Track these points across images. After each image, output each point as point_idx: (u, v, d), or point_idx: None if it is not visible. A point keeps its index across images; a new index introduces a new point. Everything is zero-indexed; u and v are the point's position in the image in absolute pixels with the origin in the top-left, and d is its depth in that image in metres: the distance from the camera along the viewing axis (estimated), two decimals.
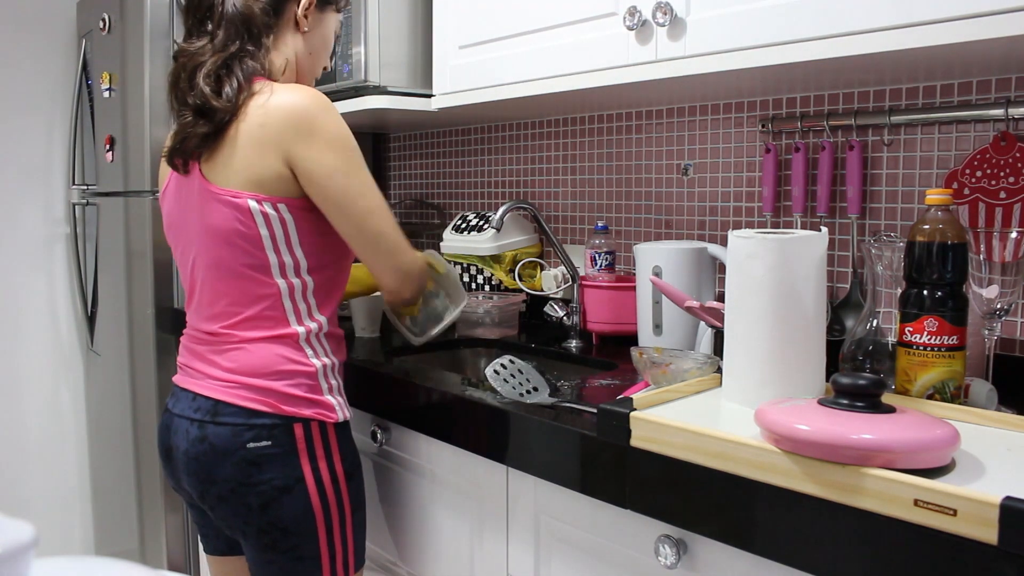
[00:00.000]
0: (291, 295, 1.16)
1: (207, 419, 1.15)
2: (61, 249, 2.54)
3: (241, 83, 1.13)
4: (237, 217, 1.12)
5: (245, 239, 1.13)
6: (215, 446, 1.14)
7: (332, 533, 1.19)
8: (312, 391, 1.17)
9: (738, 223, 1.58)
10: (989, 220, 1.23)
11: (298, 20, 1.22)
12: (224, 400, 1.15)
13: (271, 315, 1.16)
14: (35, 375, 2.52)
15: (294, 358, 1.16)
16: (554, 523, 1.11)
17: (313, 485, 1.16)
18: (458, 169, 2.21)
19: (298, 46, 1.23)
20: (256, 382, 1.15)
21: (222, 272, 1.16)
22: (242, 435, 1.14)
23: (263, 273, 1.15)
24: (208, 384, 1.17)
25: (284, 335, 1.17)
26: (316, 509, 1.16)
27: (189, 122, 1.14)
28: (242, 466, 1.13)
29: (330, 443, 1.19)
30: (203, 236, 1.16)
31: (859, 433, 0.76)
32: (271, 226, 1.13)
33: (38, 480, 2.53)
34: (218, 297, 1.18)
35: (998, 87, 1.24)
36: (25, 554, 0.63)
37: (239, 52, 1.14)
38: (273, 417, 1.14)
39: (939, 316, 0.98)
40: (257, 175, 1.11)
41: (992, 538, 0.66)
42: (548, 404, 1.12)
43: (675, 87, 1.42)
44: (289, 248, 1.15)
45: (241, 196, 1.11)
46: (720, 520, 0.85)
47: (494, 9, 1.56)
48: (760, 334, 0.98)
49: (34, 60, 2.44)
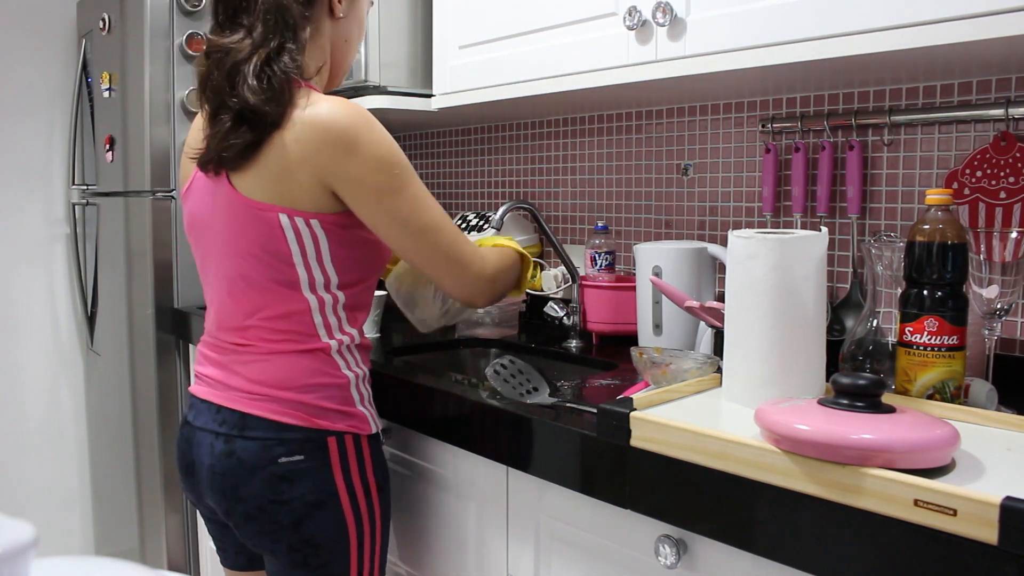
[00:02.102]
0: (321, 310, 1.11)
1: (234, 432, 1.09)
2: (61, 249, 2.54)
3: (285, 86, 1.04)
4: (266, 231, 1.06)
5: (273, 254, 1.07)
6: (243, 461, 1.08)
7: (363, 548, 1.15)
8: (345, 403, 1.13)
9: (738, 223, 1.58)
10: (989, 220, 1.23)
11: (333, 6, 1.13)
12: (252, 413, 1.09)
13: (301, 329, 1.11)
14: (35, 375, 2.52)
15: (326, 370, 1.12)
16: (554, 523, 1.11)
17: (347, 499, 1.12)
18: (458, 169, 2.21)
19: (334, 35, 1.15)
20: (286, 395, 1.09)
21: (248, 285, 1.10)
22: (272, 449, 1.08)
23: (292, 288, 1.09)
24: (233, 396, 1.11)
25: (315, 348, 1.11)
26: (350, 524, 1.12)
27: (229, 129, 1.04)
28: (272, 482, 1.08)
29: (363, 456, 1.14)
30: (229, 246, 1.10)
31: (859, 433, 0.76)
32: (302, 242, 1.07)
33: (38, 480, 2.53)
34: (245, 308, 1.12)
35: (998, 87, 1.24)
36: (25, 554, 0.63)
37: (280, 48, 1.05)
38: (306, 431, 1.09)
39: (939, 316, 0.98)
40: (289, 191, 1.05)
41: (992, 538, 0.66)
42: (548, 404, 1.12)
43: (675, 87, 1.42)
44: (320, 264, 1.09)
45: (272, 210, 1.05)
46: (720, 520, 0.85)
47: (494, 9, 1.56)
48: (760, 334, 0.98)
49: (34, 60, 2.44)
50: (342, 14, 1.14)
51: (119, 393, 2.22)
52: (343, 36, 1.17)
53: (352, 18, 1.17)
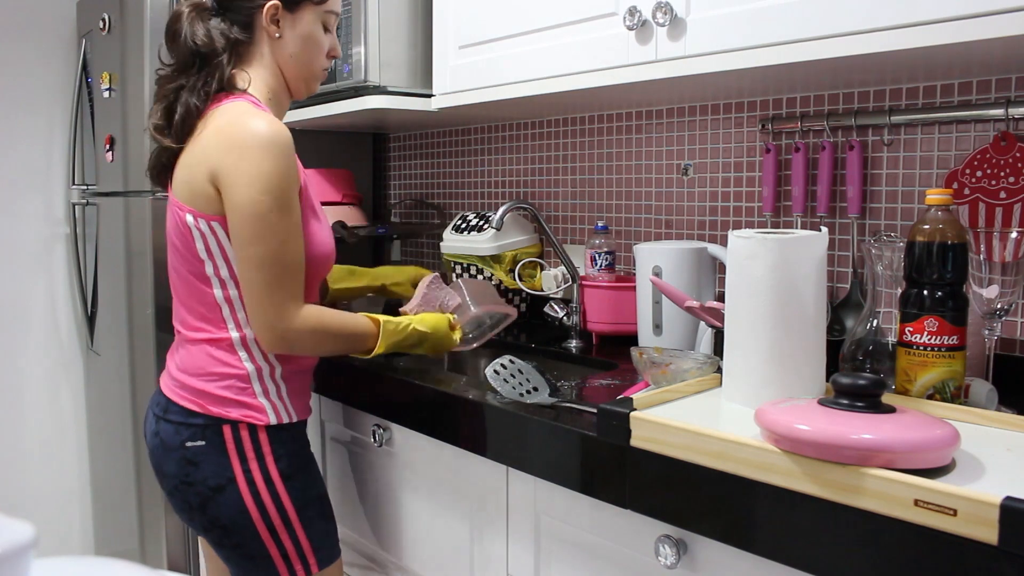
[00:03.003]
0: (228, 301, 1.20)
1: (160, 414, 1.24)
2: (61, 249, 2.54)
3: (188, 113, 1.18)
4: (181, 228, 1.19)
5: (186, 247, 1.19)
6: (164, 441, 1.22)
7: (276, 532, 1.21)
8: (242, 393, 1.21)
9: (738, 223, 1.58)
10: (989, 220, 1.23)
11: (269, 30, 1.24)
12: (171, 399, 1.23)
13: (210, 317, 1.21)
14: (35, 375, 2.52)
15: (226, 360, 1.21)
16: (554, 523, 1.11)
17: (245, 486, 1.19)
18: (458, 169, 2.21)
19: (277, 51, 1.25)
20: (193, 383, 1.21)
21: (176, 275, 1.24)
22: (182, 433, 1.20)
23: (201, 280, 1.20)
24: (165, 382, 1.26)
25: (220, 338, 1.21)
26: (251, 509, 1.19)
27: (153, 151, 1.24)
28: (182, 464, 1.20)
29: (260, 445, 1.21)
30: (169, 243, 1.24)
31: (859, 433, 0.76)
32: (206, 240, 1.17)
33: (38, 480, 2.53)
34: (175, 299, 1.27)
35: (998, 87, 1.24)
36: (25, 554, 0.63)
37: (191, 84, 1.19)
38: (205, 418, 1.20)
39: (939, 316, 0.98)
40: (193, 191, 1.16)
41: (992, 538, 0.66)
42: (548, 404, 1.12)
43: (675, 87, 1.42)
44: (225, 259, 1.18)
45: (184, 209, 1.18)
46: (720, 520, 0.85)
47: (494, 9, 1.56)
48: (760, 334, 0.98)
49: (34, 60, 2.44)
50: (279, 34, 1.25)
51: (119, 393, 2.22)
52: (287, 52, 1.26)
53: (293, 35, 1.26)
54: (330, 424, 1.57)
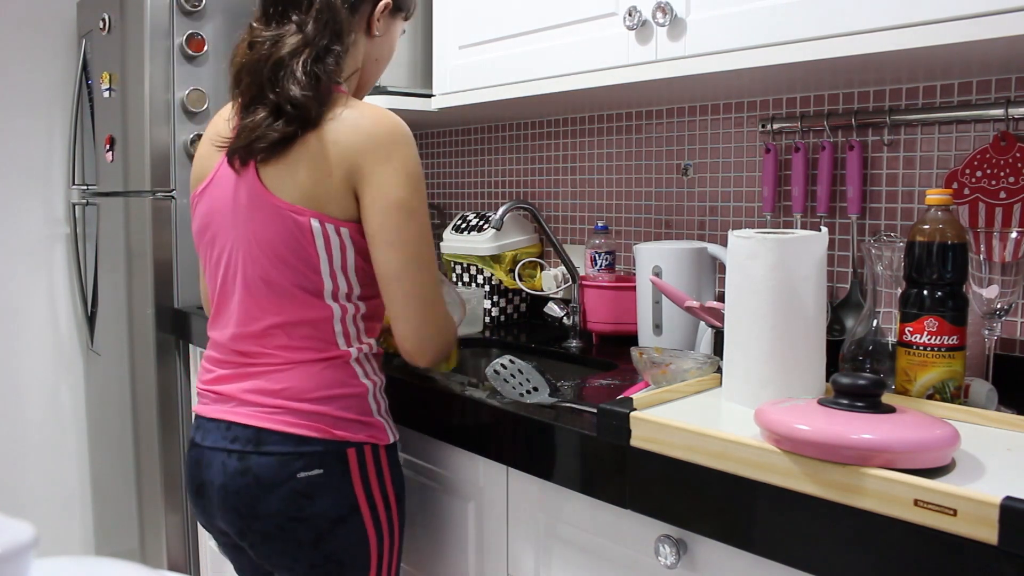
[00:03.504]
0: (343, 319, 1.09)
1: (249, 449, 1.06)
2: (61, 249, 2.54)
3: (329, 87, 1.05)
4: (295, 234, 1.04)
5: (302, 259, 1.05)
6: (260, 478, 1.05)
7: (382, 560, 1.13)
8: (363, 413, 1.11)
9: (738, 223, 1.58)
10: (989, 220, 1.23)
11: (371, 23, 1.14)
12: (268, 427, 1.06)
13: (320, 336, 1.08)
14: (35, 375, 2.52)
15: (345, 379, 1.09)
16: (554, 523, 1.11)
17: (368, 512, 1.10)
18: (458, 169, 2.21)
19: (368, 50, 1.16)
20: (303, 406, 1.06)
21: (270, 289, 1.07)
22: (291, 464, 1.05)
23: (315, 295, 1.07)
24: (246, 411, 1.08)
25: (334, 357, 1.09)
26: (371, 537, 1.11)
27: (262, 119, 1.03)
28: (292, 498, 1.05)
29: (382, 466, 1.12)
30: (251, 247, 1.07)
31: (859, 433, 0.76)
32: (330, 249, 1.05)
33: (38, 480, 2.53)
34: (260, 314, 1.09)
35: (998, 87, 1.24)
36: (25, 554, 0.63)
37: (327, 49, 1.05)
38: (325, 443, 1.06)
39: (939, 316, 0.98)
40: (322, 194, 1.03)
41: (992, 538, 0.66)
42: (548, 404, 1.12)
43: (675, 87, 1.42)
44: (344, 273, 1.08)
45: (304, 214, 1.04)
46: (720, 520, 0.85)
47: (494, 9, 1.56)
48: (760, 334, 0.98)
49: (34, 60, 2.44)
50: (378, 32, 1.16)
51: (119, 393, 2.22)
52: (375, 55, 1.18)
53: (386, 39, 1.19)
54: None
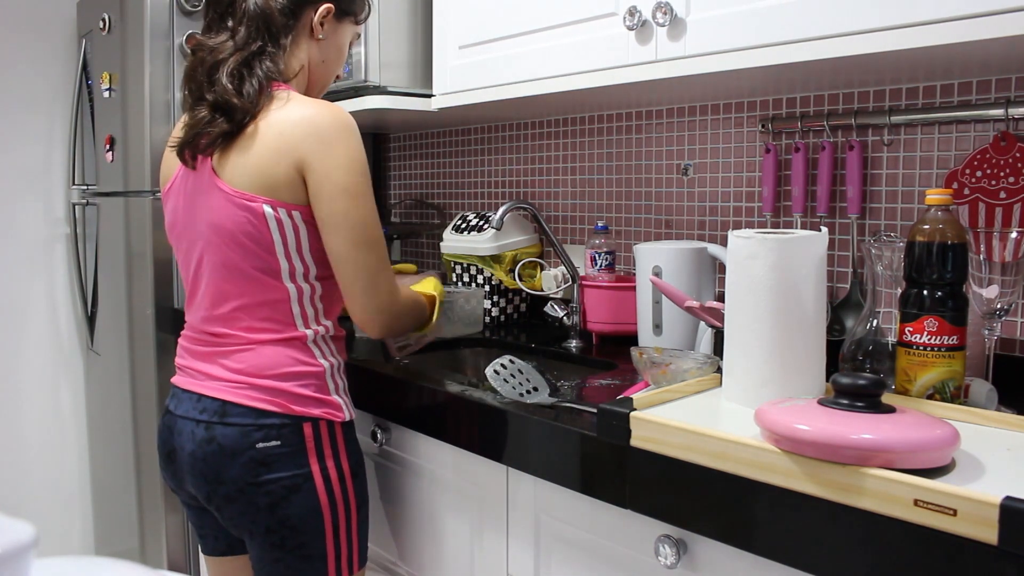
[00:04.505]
0: (300, 299, 1.17)
1: (215, 420, 1.15)
2: (61, 249, 2.54)
3: (262, 84, 1.13)
4: (250, 220, 1.12)
5: (257, 242, 1.13)
6: (224, 447, 1.15)
7: (338, 531, 1.20)
8: (320, 391, 1.19)
9: (738, 223, 1.58)
10: (989, 220, 1.23)
11: (314, 27, 1.21)
12: (232, 400, 1.15)
13: (279, 318, 1.17)
14: (35, 375, 2.52)
15: (303, 359, 1.17)
16: (554, 523, 1.11)
17: (321, 483, 1.17)
18: (458, 169, 2.21)
19: (312, 53, 1.23)
20: (265, 383, 1.15)
21: (231, 273, 1.16)
22: (251, 435, 1.14)
23: (273, 277, 1.15)
24: (214, 385, 1.17)
25: (292, 337, 1.17)
26: (324, 507, 1.18)
27: (204, 117, 1.13)
28: (251, 466, 1.14)
29: (337, 442, 1.20)
30: (212, 235, 1.16)
31: (859, 433, 0.76)
32: (284, 232, 1.13)
33: (38, 480, 2.53)
34: (225, 298, 1.17)
35: (998, 87, 1.24)
36: (25, 554, 0.63)
37: (260, 51, 1.15)
38: (283, 417, 1.15)
39: (939, 316, 0.98)
40: (272, 181, 1.11)
41: (992, 538, 0.66)
42: (548, 404, 1.12)
43: (675, 87, 1.42)
44: (300, 254, 1.15)
45: (256, 200, 1.11)
46: (720, 520, 0.85)
47: (494, 9, 1.56)
48: (760, 334, 0.98)
49: (34, 60, 2.44)
50: (321, 35, 1.23)
51: (119, 393, 2.22)
52: (320, 57, 1.25)
53: (331, 43, 1.26)
54: None
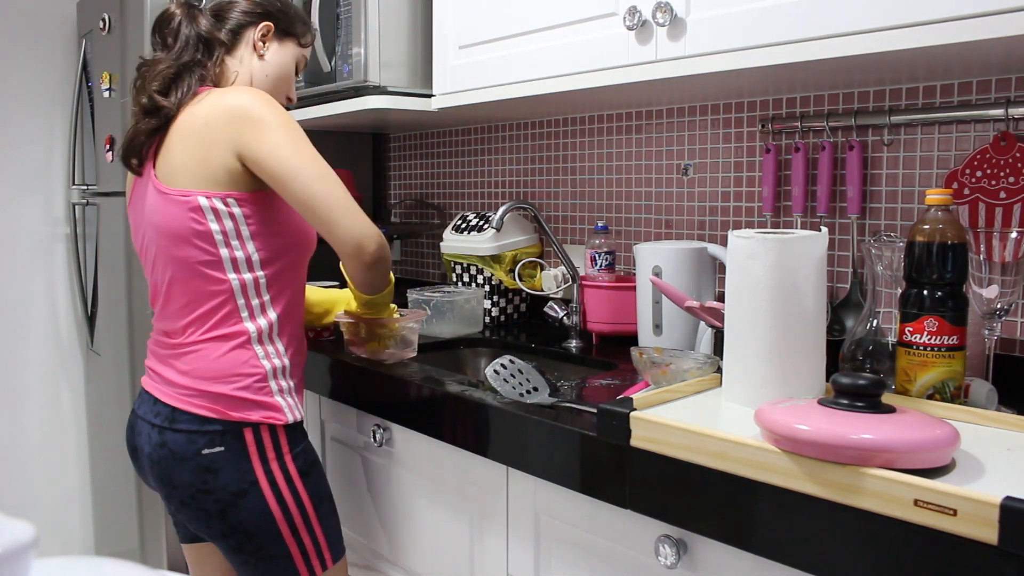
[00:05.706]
0: (244, 291, 1.19)
1: (166, 425, 1.19)
2: (61, 249, 2.54)
3: (189, 87, 1.20)
4: (189, 215, 1.15)
5: (198, 236, 1.16)
6: (174, 452, 1.18)
7: (297, 531, 1.21)
8: (260, 393, 1.20)
9: (738, 223, 1.58)
10: (989, 220, 1.23)
11: (255, 44, 1.29)
12: (180, 408, 1.19)
13: (224, 312, 1.19)
14: (35, 375, 2.52)
15: (244, 359, 1.20)
16: (554, 523, 1.11)
17: (268, 487, 1.19)
18: (458, 169, 2.21)
19: (255, 66, 1.30)
20: (208, 387, 1.18)
21: (179, 272, 1.19)
22: (196, 442, 1.17)
23: (216, 269, 1.18)
24: (166, 391, 1.21)
25: (235, 333, 1.20)
26: (274, 510, 1.19)
27: (139, 122, 1.21)
28: (198, 472, 1.17)
29: (280, 445, 1.21)
30: (158, 236, 1.20)
31: (859, 433, 0.76)
32: (221, 221, 1.16)
33: (38, 480, 2.53)
34: (176, 298, 1.21)
35: (998, 87, 1.24)
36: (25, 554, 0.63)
37: (191, 62, 1.22)
38: (224, 424, 1.18)
39: (939, 316, 0.98)
40: (205, 172, 1.15)
41: (992, 538, 0.66)
42: (548, 404, 1.12)
43: (675, 87, 1.42)
44: (240, 241, 1.17)
45: (191, 194, 1.15)
46: (720, 520, 0.85)
47: (494, 9, 1.56)
48: (760, 334, 0.98)
49: (34, 60, 2.44)
50: (263, 53, 1.30)
51: (119, 393, 2.23)
52: (264, 71, 1.31)
53: (274, 61, 1.31)
54: (330, 424, 1.57)
